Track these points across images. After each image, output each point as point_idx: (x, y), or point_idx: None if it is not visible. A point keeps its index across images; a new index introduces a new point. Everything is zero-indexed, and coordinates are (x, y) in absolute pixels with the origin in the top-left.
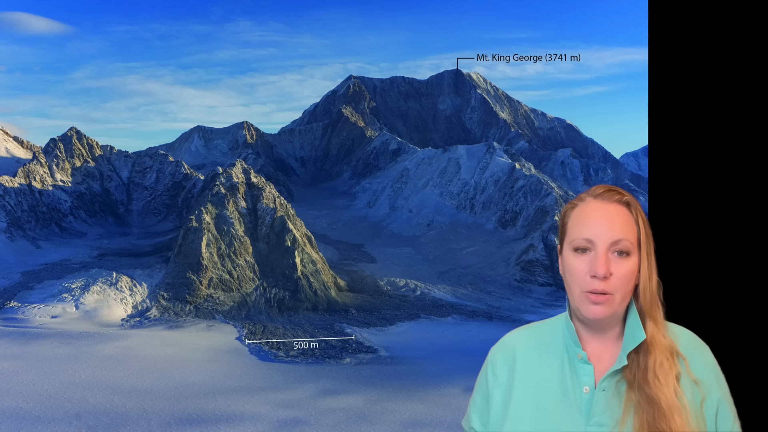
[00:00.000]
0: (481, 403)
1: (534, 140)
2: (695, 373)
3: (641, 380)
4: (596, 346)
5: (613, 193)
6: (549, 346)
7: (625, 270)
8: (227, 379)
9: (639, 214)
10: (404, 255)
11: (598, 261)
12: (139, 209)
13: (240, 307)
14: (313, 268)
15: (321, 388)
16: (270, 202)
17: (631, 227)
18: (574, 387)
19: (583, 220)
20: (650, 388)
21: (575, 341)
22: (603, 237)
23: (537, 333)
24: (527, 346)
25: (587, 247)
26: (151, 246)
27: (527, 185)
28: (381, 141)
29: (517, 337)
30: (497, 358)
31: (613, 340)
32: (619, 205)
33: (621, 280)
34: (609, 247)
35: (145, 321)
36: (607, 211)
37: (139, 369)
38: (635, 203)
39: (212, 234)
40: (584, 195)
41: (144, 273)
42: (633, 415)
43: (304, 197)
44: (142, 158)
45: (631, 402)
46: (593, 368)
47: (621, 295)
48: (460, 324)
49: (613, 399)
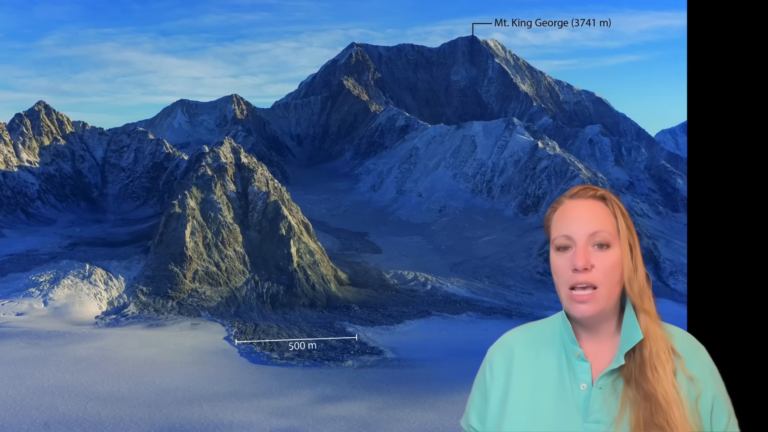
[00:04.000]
0: (479, 401)
1: (559, 116)
2: (690, 370)
3: (638, 376)
4: (593, 344)
5: (587, 190)
6: (546, 344)
7: (606, 262)
8: (214, 384)
9: (616, 207)
10: (413, 244)
11: (578, 254)
12: (115, 193)
13: (229, 303)
14: (311, 259)
15: (319, 394)
16: (262, 186)
17: (608, 219)
18: (572, 384)
19: (561, 219)
20: (648, 383)
21: (572, 339)
22: (580, 231)
23: (534, 332)
24: (525, 345)
25: (567, 245)
26: (128, 234)
27: (551, 166)
28: (387, 117)
29: (515, 335)
30: (495, 356)
31: (609, 336)
32: (594, 200)
33: (603, 272)
34: (587, 240)
35: (122, 319)
36: (583, 206)
37: (115, 373)
38: (611, 197)
39: (197, 221)
40: (562, 198)
41: (121, 265)
42: (629, 411)
43: (301, 180)
44: (118, 136)
45: (627, 399)
46: (590, 365)
47: (606, 289)
48: (476, 322)
49: (610, 397)
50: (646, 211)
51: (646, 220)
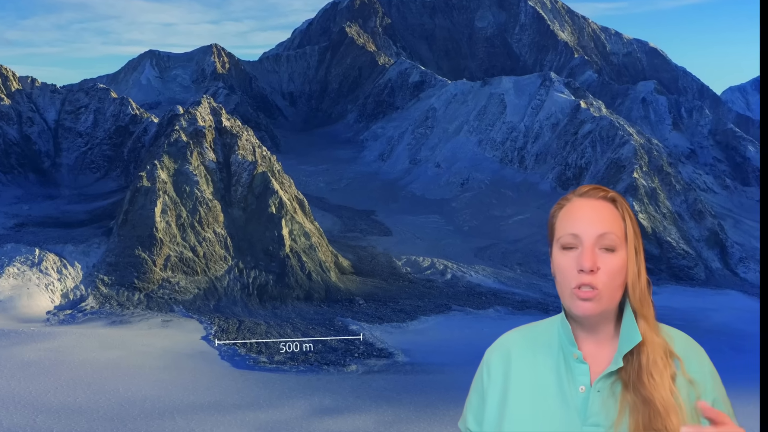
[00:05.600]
0: (476, 403)
1: (605, 70)
2: (690, 373)
3: (636, 381)
4: (591, 346)
5: (598, 190)
6: (544, 346)
7: (612, 265)
8: (190, 394)
9: (625, 211)
10: (429, 225)
11: (584, 255)
12: (70, 163)
13: (207, 296)
14: (307, 242)
15: (317, 406)
16: (248, 154)
17: (617, 222)
18: (570, 387)
19: (568, 218)
20: (645, 389)
21: (571, 341)
22: (588, 232)
23: (532, 333)
24: (522, 347)
25: (574, 244)
26: (86, 213)
27: (596, 131)
28: (398, 71)
29: (512, 337)
30: (493, 358)
31: (608, 339)
32: (605, 202)
33: (608, 274)
34: (595, 242)
35: (79, 315)
36: (593, 207)
37: (71, 379)
38: (621, 200)
39: (170, 197)
40: (570, 195)
41: (77, 250)
42: (628, 416)
43: (295, 147)
44: (74, 94)
45: (626, 403)
46: (589, 368)
47: (609, 291)
48: (506, 318)
49: (608, 399)
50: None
51: (710, 195)
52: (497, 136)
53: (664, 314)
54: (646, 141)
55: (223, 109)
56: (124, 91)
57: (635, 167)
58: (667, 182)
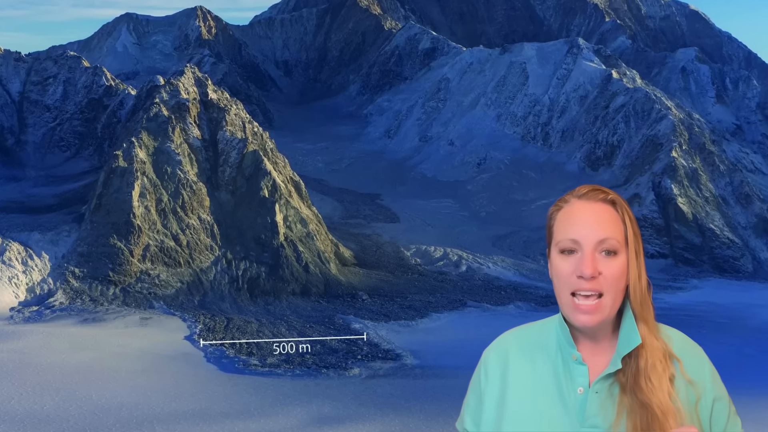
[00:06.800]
0: (474, 403)
1: (640, 35)
2: (689, 373)
3: (633, 384)
4: (590, 347)
5: (597, 192)
6: (542, 346)
7: (613, 269)
8: (172, 401)
9: (625, 213)
10: (442, 210)
11: (585, 261)
12: (37, 140)
13: (191, 291)
14: (303, 230)
15: (315, 415)
16: (237, 130)
17: (617, 226)
18: (568, 388)
19: (568, 221)
20: (643, 393)
21: (570, 342)
22: (589, 237)
23: (530, 334)
24: (520, 348)
25: (573, 248)
26: (55, 197)
27: (630, 104)
28: (406, 37)
29: (510, 338)
30: (490, 359)
31: (607, 340)
32: (605, 204)
33: (610, 279)
34: (595, 247)
35: (47, 311)
36: (593, 210)
37: (37, 385)
38: (621, 201)
39: (149, 179)
40: (568, 196)
41: (45, 238)
42: (626, 418)
43: (290, 123)
44: (41, 63)
45: (624, 406)
46: (587, 369)
47: (611, 297)
48: (528, 316)
49: (606, 401)
50: (758, 164)
51: (758, 176)
52: (518, 111)
53: (707, 311)
54: (686, 116)
55: (209, 79)
56: (98, 59)
57: (674, 145)
58: (709, 162)
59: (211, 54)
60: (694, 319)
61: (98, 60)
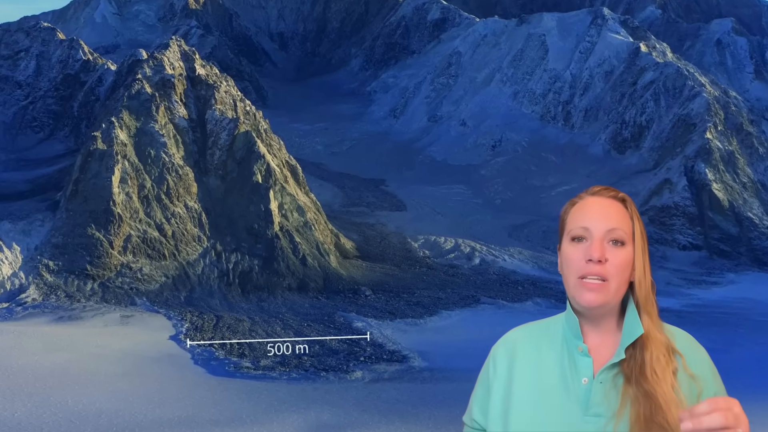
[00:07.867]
0: (482, 395)
1: (671, 5)
2: (692, 368)
3: (639, 375)
4: (596, 339)
5: (608, 190)
6: (549, 339)
7: (620, 258)
8: (156, 407)
9: (633, 212)
10: (453, 198)
11: (594, 245)
12: (7, 120)
13: (177, 286)
14: (301, 219)
15: (313, 422)
16: (227, 110)
17: (625, 220)
18: (573, 379)
19: (580, 212)
20: (648, 383)
21: (576, 334)
22: (598, 225)
23: (538, 329)
24: (527, 342)
25: (584, 236)
26: (27, 182)
27: (660, 80)
28: (414, 6)
29: (518, 333)
30: (498, 353)
31: (611, 333)
32: (615, 201)
33: (616, 267)
34: (604, 235)
35: (18, 309)
36: (603, 204)
37: (8, 389)
38: (630, 201)
39: (130, 162)
40: (582, 194)
41: (15, 228)
42: (630, 407)
43: (286, 101)
44: (12, 35)
45: (628, 396)
46: (592, 361)
47: (616, 284)
48: (547, 312)
49: (610, 391)
50: None
51: None
52: (537, 88)
53: (744, 308)
54: (722, 93)
55: (196, 53)
56: (74, 31)
57: (708, 126)
58: (747, 144)
59: (198, 25)
60: (730, 317)
61: (75, 32)
